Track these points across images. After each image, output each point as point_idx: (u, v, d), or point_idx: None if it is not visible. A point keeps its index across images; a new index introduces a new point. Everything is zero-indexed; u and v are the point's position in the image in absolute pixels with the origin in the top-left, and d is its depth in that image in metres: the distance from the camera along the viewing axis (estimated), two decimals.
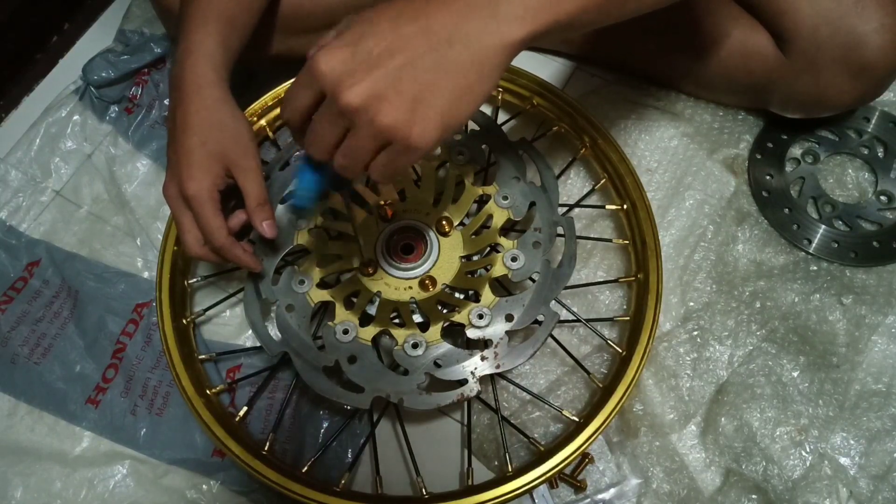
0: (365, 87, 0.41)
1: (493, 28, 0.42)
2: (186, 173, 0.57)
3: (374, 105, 0.41)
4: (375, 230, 0.70)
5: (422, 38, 0.41)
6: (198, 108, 0.58)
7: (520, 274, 0.67)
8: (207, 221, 0.58)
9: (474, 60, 0.42)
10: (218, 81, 0.60)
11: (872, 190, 0.83)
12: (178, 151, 0.58)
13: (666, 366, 0.73)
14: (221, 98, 0.60)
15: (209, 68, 0.60)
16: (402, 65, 0.41)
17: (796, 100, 0.76)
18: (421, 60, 0.41)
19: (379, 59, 0.41)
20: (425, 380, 0.62)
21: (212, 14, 0.61)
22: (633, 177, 0.75)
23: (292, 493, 0.62)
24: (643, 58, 0.85)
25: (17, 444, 0.72)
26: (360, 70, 0.41)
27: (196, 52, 0.60)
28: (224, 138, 0.59)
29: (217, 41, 0.61)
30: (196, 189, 0.57)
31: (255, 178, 0.60)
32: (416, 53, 0.41)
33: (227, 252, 0.60)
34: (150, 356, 0.76)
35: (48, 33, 0.96)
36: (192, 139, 0.58)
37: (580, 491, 0.70)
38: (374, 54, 0.41)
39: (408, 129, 0.41)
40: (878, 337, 0.74)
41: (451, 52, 0.41)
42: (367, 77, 0.41)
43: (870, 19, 0.67)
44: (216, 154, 0.58)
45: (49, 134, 0.87)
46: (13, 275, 0.80)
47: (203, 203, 0.58)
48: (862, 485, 0.68)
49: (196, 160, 0.57)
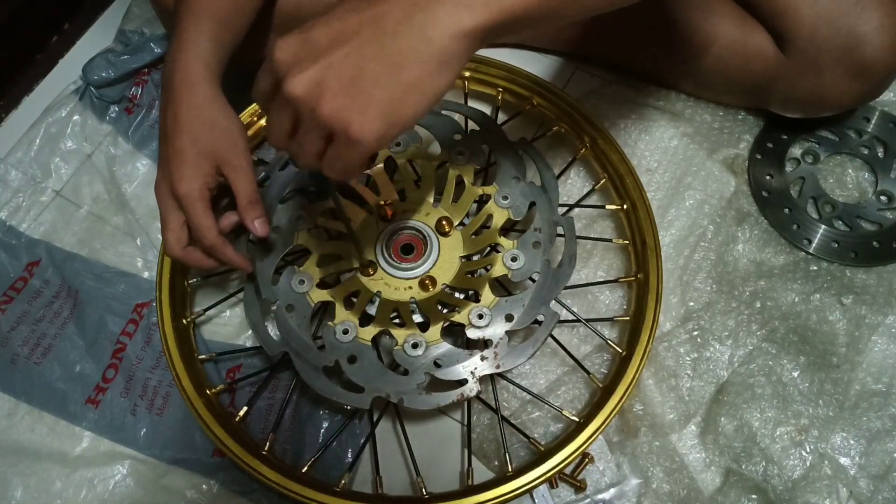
0: (308, 75, 0.40)
1: (444, 18, 0.40)
2: (177, 172, 0.57)
3: (315, 93, 0.40)
4: (375, 230, 0.70)
5: (369, 28, 0.40)
6: (189, 106, 0.58)
7: (520, 274, 0.67)
8: (198, 220, 0.58)
9: (423, 52, 0.40)
10: (210, 79, 0.60)
11: (872, 190, 0.83)
12: (170, 150, 0.58)
13: (666, 366, 0.73)
14: (213, 96, 0.60)
15: (201, 66, 0.60)
16: (346, 54, 0.40)
17: (796, 100, 0.76)
18: (366, 49, 0.40)
19: (326, 48, 0.40)
20: (425, 380, 0.62)
21: (205, 13, 0.61)
22: (633, 177, 0.75)
23: (292, 493, 0.62)
24: (643, 58, 0.85)
25: (17, 444, 0.72)
26: (307, 59, 0.40)
27: (188, 49, 0.60)
28: (215, 137, 0.58)
29: (210, 39, 0.61)
30: (187, 188, 0.57)
31: (247, 176, 0.60)
32: (362, 42, 0.40)
33: (217, 251, 0.60)
34: (150, 356, 0.76)
35: (48, 33, 0.96)
36: (183, 138, 0.57)
37: (580, 491, 0.69)
38: (321, 44, 0.40)
39: (348, 121, 0.40)
40: (878, 337, 0.74)
41: (398, 42, 0.40)
42: (312, 66, 0.40)
43: (870, 19, 0.67)
44: (207, 153, 0.58)
45: (49, 134, 0.87)
46: (13, 275, 0.80)
47: (194, 202, 0.57)
48: (862, 485, 0.68)
49: (187, 159, 0.57)
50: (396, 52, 0.40)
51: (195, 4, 0.61)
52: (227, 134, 0.59)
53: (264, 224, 0.61)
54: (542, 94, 0.80)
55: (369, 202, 0.70)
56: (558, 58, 0.92)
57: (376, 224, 0.70)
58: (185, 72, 0.59)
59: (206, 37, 0.60)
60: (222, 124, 0.59)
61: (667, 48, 0.80)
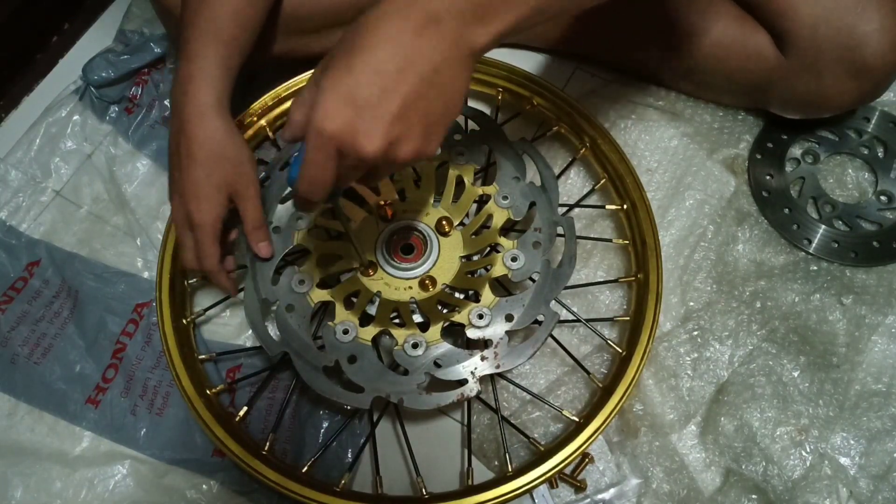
0: (380, 134, 0.42)
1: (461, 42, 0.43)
2: (194, 205, 0.62)
3: (393, 147, 0.43)
4: (375, 230, 0.70)
5: (409, 74, 0.42)
6: (202, 139, 0.62)
7: (520, 274, 0.67)
8: (205, 249, 0.64)
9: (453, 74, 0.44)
10: (220, 109, 0.63)
11: (872, 190, 0.83)
12: (186, 181, 0.62)
13: (666, 366, 0.73)
14: (224, 128, 0.63)
15: (211, 96, 0.63)
16: (403, 107, 0.42)
17: (796, 100, 0.76)
18: (418, 95, 0.42)
19: (381, 105, 0.42)
20: (425, 380, 0.62)
21: (212, 36, 0.63)
22: (632, 176, 0.75)
23: (293, 493, 0.62)
24: (643, 57, 0.85)
25: (17, 444, 0.72)
26: (366, 120, 0.42)
27: (197, 77, 0.62)
28: (227, 169, 0.63)
29: (218, 65, 0.63)
30: (201, 220, 0.62)
31: (254, 204, 0.65)
32: (411, 90, 0.42)
33: (213, 276, 0.67)
34: (150, 356, 0.76)
35: (48, 33, 0.96)
36: (197, 171, 0.62)
37: (580, 491, 0.70)
38: (372, 100, 0.42)
39: (424, 151, 0.45)
40: (878, 337, 0.74)
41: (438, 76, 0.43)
42: (377, 124, 0.42)
43: (870, 20, 0.67)
44: (220, 185, 0.63)
45: (49, 134, 0.87)
46: (13, 275, 0.80)
47: (206, 233, 0.63)
48: (862, 485, 0.68)
49: (203, 193, 0.62)
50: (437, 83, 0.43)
51: (202, 28, 0.63)
52: (238, 165, 0.63)
53: (268, 247, 0.67)
54: (541, 93, 0.80)
55: (369, 202, 0.70)
56: (558, 58, 0.92)
57: (376, 224, 0.70)
58: (195, 103, 0.62)
59: (215, 63, 0.63)
60: (233, 156, 0.63)
61: (666, 48, 0.80)
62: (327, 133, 0.42)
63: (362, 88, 0.41)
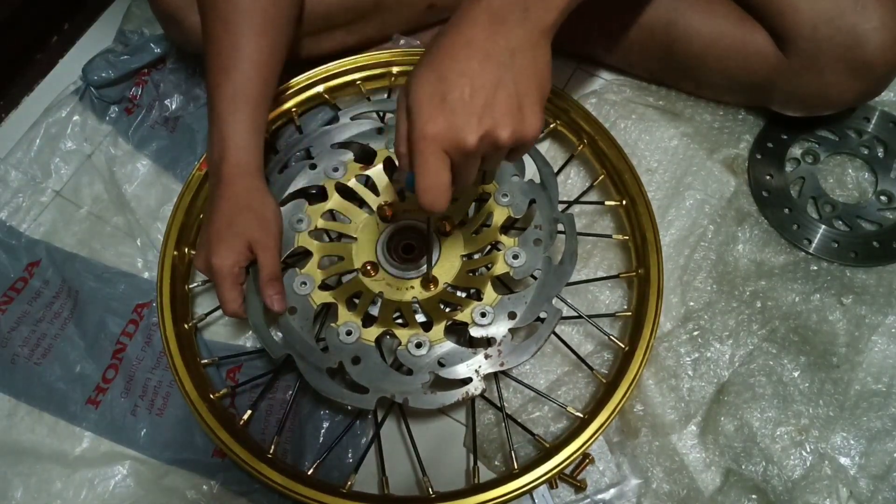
0: (477, 128, 0.47)
1: (529, 27, 0.48)
2: (214, 250, 0.64)
3: (490, 134, 0.47)
4: (376, 230, 0.70)
5: (489, 65, 0.47)
6: (230, 195, 0.65)
7: (521, 271, 0.67)
8: (224, 293, 0.65)
9: (531, 55, 0.48)
10: (253, 171, 0.66)
11: (872, 190, 0.83)
12: (210, 230, 0.65)
13: (666, 366, 0.73)
14: (255, 187, 0.66)
15: (244, 158, 0.66)
16: (491, 95, 0.47)
17: (797, 98, 0.76)
18: (500, 82, 0.47)
19: (472, 101, 0.46)
20: (429, 379, 0.62)
21: (241, 99, 0.65)
22: (630, 172, 0.75)
23: (300, 495, 0.61)
24: (643, 57, 0.85)
25: (17, 445, 0.72)
26: (460, 116, 0.46)
27: (230, 140, 0.65)
28: (249, 220, 0.65)
29: (249, 128, 0.66)
30: (219, 265, 0.64)
31: (272, 255, 0.66)
32: (495, 79, 0.47)
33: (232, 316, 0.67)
34: (151, 356, 0.76)
35: (48, 33, 0.96)
36: (221, 221, 0.65)
37: (580, 491, 0.69)
38: (465, 100, 0.46)
39: (522, 131, 0.48)
40: (878, 337, 0.74)
41: (515, 60, 0.47)
42: (472, 120, 0.47)
43: (870, 18, 0.67)
44: (240, 234, 0.64)
45: (49, 134, 0.87)
46: (13, 275, 0.79)
47: (224, 278, 0.64)
48: (862, 485, 0.68)
49: (223, 239, 0.64)
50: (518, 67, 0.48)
51: (230, 91, 0.65)
52: (261, 218, 0.66)
53: (281, 301, 0.66)
54: None
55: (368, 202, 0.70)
56: (558, 58, 0.92)
57: (377, 224, 0.70)
58: (229, 165, 0.65)
59: (245, 125, 0.65)
60: (258, 209, 0.66)
61: (666, 48, 0.81)
62: (430, 136, 0.46)
63: (453, 91, 0.46)
